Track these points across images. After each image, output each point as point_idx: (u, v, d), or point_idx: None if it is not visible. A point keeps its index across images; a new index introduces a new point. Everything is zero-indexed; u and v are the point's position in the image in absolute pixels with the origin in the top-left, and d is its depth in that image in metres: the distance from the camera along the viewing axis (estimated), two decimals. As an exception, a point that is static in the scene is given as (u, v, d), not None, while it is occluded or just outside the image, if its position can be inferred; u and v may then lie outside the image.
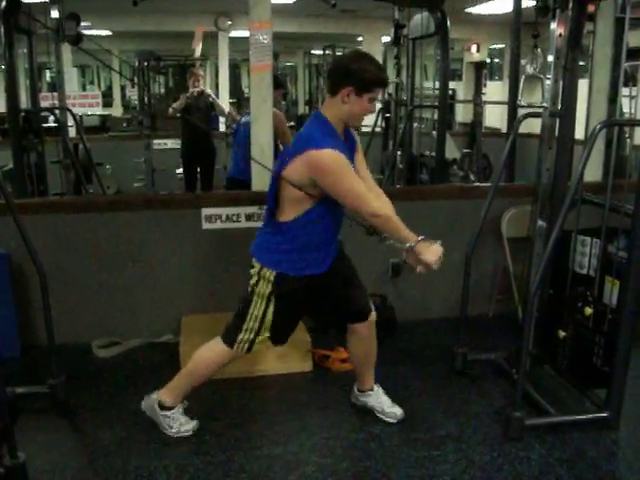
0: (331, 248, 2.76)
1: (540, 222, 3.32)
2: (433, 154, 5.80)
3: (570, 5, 3.04)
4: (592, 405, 3.08)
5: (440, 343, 3.94)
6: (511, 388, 3.28)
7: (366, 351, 3.01)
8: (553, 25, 3.10)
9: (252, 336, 2.74)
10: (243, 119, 5.26)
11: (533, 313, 3.04)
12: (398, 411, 3.06)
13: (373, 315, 2.93)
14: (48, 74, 14.21)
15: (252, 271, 2.72)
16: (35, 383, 3.16)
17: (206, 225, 3.86)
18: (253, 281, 2.72)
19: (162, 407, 2.89)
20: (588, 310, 3.03)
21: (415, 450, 2.83)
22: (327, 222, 2.68)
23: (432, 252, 2.56)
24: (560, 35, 3.10)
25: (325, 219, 2.66)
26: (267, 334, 2.75)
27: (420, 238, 2.56)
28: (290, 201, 2.60)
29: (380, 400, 3.08)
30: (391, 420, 3.04)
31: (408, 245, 2.56)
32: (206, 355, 2.87)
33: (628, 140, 4.48)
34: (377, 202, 2.61)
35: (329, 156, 2.47)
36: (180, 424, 2.90)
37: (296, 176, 2.52)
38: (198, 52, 7.17)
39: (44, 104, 5.58)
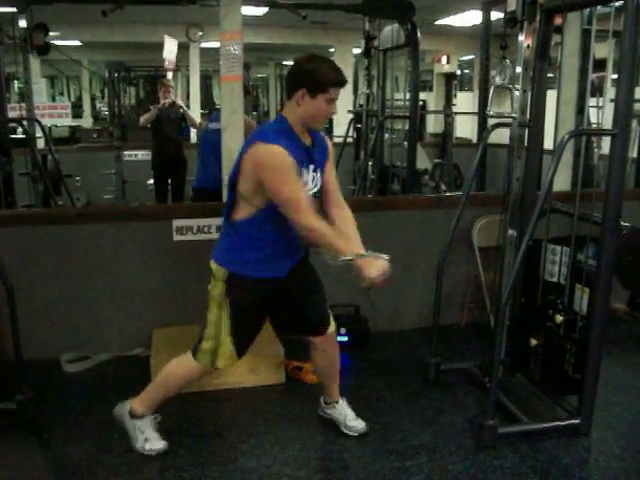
0: (289, 253, 2.70)
1: (510, 231, 3.36)
2: (404, 164, 5.83)
3: (538, 17, 3.09)
4: (564, 412, 3.10)
5: (413, 353, 3.95)
6: (484, 397, 3.28)
7: (328, 363, 2.99)
8: (521, 37, 3.15)
9: (213, 345, 2.68)
10: (210, 125, 5.19)
11: (505, 321, 3.06)
12: (360, 425, 3.02)
13: (331, 329, 2.88)
14: (17, 84, 14.04)
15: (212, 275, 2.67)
16: (2, 400, 3.08)
17: (177, 237, 3.82)
18: (210, 285, 2.67)
19: (132, 415, 2.84)
20: (559, 318, 3.06)
21: (389, 461, 2.82)
22: (281, 224, 2.55)
23: (374, 267, 2.41)
24: (528, 46, 3.14)
25: (279, 220, 2.52)
26: (229, 340, 2.66)
27: (362, 252, 2.44)
28: (244, 197, 2.54)
29: (343, 413, 3.04)
30: (352, 434, 3.00)
31: (342, 259, 2.40)
32: (176, 371, 2.82)
33: (596, 150, 4.54)
34: (315, 217, 2.46)
35: (271, 151, 2.42)
36: (146, 439, 2.83)
37: (246, 171, 2.48)
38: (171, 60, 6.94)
39: (12, 115, 5.49)
